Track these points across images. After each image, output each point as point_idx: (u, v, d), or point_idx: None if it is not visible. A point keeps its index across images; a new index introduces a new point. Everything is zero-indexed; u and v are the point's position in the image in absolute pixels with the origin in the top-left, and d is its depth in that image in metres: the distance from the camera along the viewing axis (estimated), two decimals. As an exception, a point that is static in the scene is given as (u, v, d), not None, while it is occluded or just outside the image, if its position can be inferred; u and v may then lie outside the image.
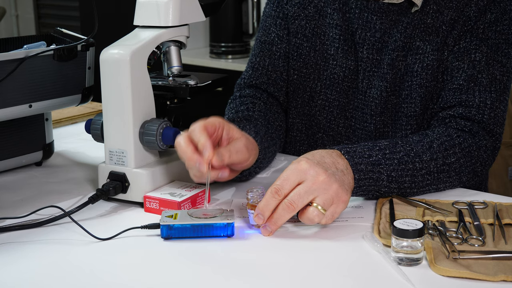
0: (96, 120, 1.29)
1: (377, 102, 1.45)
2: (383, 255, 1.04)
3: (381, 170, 1.22)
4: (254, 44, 1.62)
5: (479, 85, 1.37)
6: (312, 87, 1.53)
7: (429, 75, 1.41)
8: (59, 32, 1.53)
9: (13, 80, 1.30)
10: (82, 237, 1.12)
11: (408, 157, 1.25)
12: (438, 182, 1.28)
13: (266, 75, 1.56)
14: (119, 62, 1.21)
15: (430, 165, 1.26)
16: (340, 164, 1.17)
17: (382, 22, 1.43)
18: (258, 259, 1.05)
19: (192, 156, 1.15)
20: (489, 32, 1.39)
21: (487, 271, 0.97)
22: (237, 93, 1.56)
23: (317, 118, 1.54)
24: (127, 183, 1.25)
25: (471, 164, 1.32)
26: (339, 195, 1.12)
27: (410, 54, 1.42)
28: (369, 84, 1.46)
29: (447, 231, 1.11)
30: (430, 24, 1.41)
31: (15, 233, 1.15)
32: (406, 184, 1.25)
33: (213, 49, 3.40)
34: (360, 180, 1.20)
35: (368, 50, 1.45)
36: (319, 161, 1.14)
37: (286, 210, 1.09)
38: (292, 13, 1.53)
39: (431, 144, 1.28)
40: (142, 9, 1.27)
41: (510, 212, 1.19)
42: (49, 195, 1.32)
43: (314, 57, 1.52)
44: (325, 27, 1.50)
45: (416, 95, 1.42)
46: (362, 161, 1.20)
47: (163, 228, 1.11)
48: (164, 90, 1.30)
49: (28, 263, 1.04)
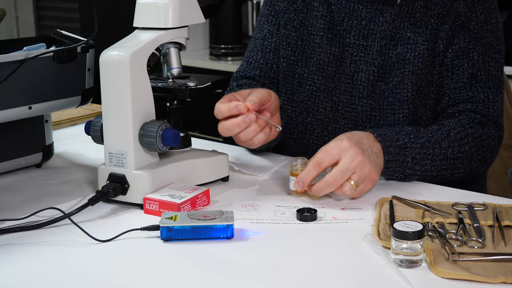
0: (96, 122, 1.29)
1: (365, 85, 1.53)
2: (383, 257, 1.04)
3: (407, 153, 1.34)
4: (250, 42, 1.72)
5: (479, 82, 1.48)
6: (300, 74, 1.60)
7: (421, 63, 1.49)
8: (59, 34, 1.53)
9: (13, 81, 1.30)
10: (82, 239, 1.12)
11: (429, 143, 1.37)
12: (453, 167, 1.40)
13: (258, 68, 1.66)
14: (119, 64, 1.21)
15: (447, 152, 1.39)
16: (375, 147, 1.31)
17: (367, 11, 1.53)
18: (258, 261, 1.05)
19: (231, 104, 1.26)
20: (482, 31, 1.49)
21: (487, 273, 0.97)
22: (234, 83, 1.67)
23: (306, 103, 1.60)
24: (127, 184, 1.25)
25: (481, 152, 1.44)
26: (371, 174, 1.26)
27: (400, 44, 1.50)
28: (356, 68, 1.54)
29: (447, 233, 1.11)
30: (419, 18, 1.50)
31: (14, 235, 1.15)
32: (427, 167, 1.37)
33: (213, 51, 3.41)
34: (389, 161, 1.33)
35: (354, 37, 1.54)
36: (358, 141, 1.27)
37: (329, 185, 1.23)
38: (282, 7, 1.63)
39: (449, 133, 1.40)
40: (142, 10, 1.27)
41: (510, 214, 1.19)
42: (48, 197, 1.32)
43: (301, 46, 1.60)
44: (312, 19, 1.59)
45: (408, 81, 1.50)
46: (391, 144, 1.33)
47: (163, 230, 1.11)
48: (163, 92, 1.30)
49: (27, 265, 1.04)
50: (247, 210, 1.25)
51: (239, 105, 1.25)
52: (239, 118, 1.26)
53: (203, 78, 1.35)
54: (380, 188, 1.34)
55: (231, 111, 1.26)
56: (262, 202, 1.29)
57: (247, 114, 1.25)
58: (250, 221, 1.20)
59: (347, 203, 1.27)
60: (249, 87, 1.61)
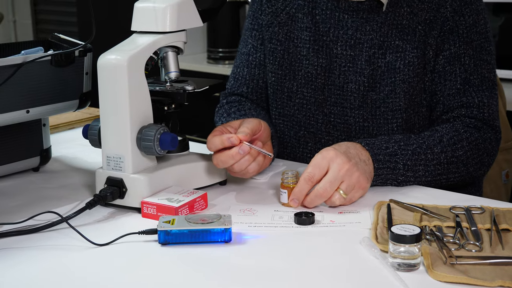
0: (94, 126, 1.29)
1: (355, 96, 1.52)
2: (381, 260, 1.04)
3: (398, 160, 1.34)
4: (236, 56, 1.72)
5: (473, 86, 1.47)
6: (289, 87, 1.60)
7: (411, 71, 1.48)
8: (57, 38, 1.53)
9: (11, 85, 1.30)
10: (80, 243, 1.12)
11: (421, 149, 1.37)
12: (448, 172, 1.40)
13: (245, 85, 1.66)
14: (117, 68, 1.21)
15: (440, 157, 1.38)
16: (363, 155, 1.31)
17: (353, 20, 1.52)
18: (255, 265, 1.05)
19: (223, 136, 1.28)
20: (471, 34, 1.48)
21: (485, 276, 0.97)
22: (223, 101, 1.67)
23: (297, 117, 1.60)
24: (125, 188, 1.25)
25: (478, 156, 1.44)
26: (360, 182, 1.26)
27: (389, 52, 1.49)
28: (346, 79, 1.53)
29: (445, 236, 1.11)
30: (406, 25, 1.49)
31: (12, 239, 1.14)
32: (421, 173, 1.37)
33: (211, 55, 3.41)
34: (379, 169, 1.33)
35: (342, 47, 1.53)
36: (345, 151, 1.28)
37: (319, 197, 1.24)
38: (266, 21, 1.62)
39: (441, 139, 1.40)
40: (140, 14, 1.27)
41: (507, 217, 1.19)
42: (46, 201, 1.32)
43: (288, 59, 1.60)
44: (297, 31, 1.58)
45: (400, 90, 1.49)
46: (380, 152, 1.34)
47: (161, 234, 1.11)
48: (161, 96, 1.30)
49: (25, 269, 1.04)
50: (245, 214, 1.25)
51: (231, 137, 1.26)
52: (233, 150, 1.26)
53: (201, 81, 1.35)
54: (378, 192, 1.35)
55: (223, 144, 1.27)
56: (259, 206, 1.29)
57: (240, 145, 1.26)
58: (248, 225, 1.20)
59: (344, 207, 1.27)
60: (239, 104, 1.62)
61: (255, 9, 1.66)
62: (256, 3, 1.66)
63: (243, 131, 1.28)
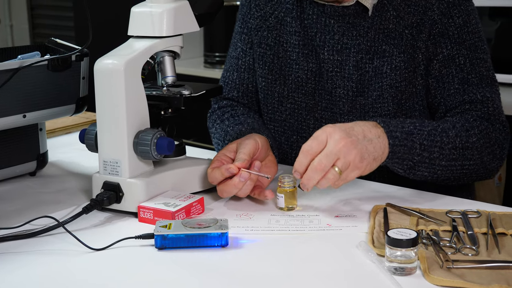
0: (90, 130, 1.29)
1: (344, 101, 1.52)
2: (377, 264, 1.04)
3: (414, 139, 1.31)
4: (226, 59, 1.72)
5: (472, 85, 1.46)
6: (280, 92, 1.59)
7: (398, 76, 1.48)
8: (53, 42, 1.53)
9: (7, 90, 1.30)
10: (76, 247, 1.12)
11: (436, 131, 1.35)
12: (463, 158, 1.37)
13: (235, 89, 1.66)
14: (113, 72, 1.21)
15: (455, 141, 1.36)
16: (372, 132, 1.27)
17: (339, 25, 1.51)
18: (252, 269, 1.05)
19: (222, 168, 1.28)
20: (463, 35, 1.47)
21: (481, 280, 0.97)
22: (215, 105, 1.67)
23: (288, 122, 1.60)
24: (121, 193, 1.25)
25: (490, 145, 1.41)
26: (355, 161, 1.22)
27: (377, 57, 1.49)
28: (334, 84, 1.53)
29: (441, 240, 1.12)
30: (392, 29, 1.48)
31: (8, 243, 1.14)
32: (436, 155, 1.33)
33: (207, 59, 3.41)
34: (395, 146, 1.29)
35: (328, 52, 1.52)
36: (346, 127, 1.24)
37: (315, 171, 1.20)
38: (255, 25, 1.62)
39: (455, 124, 1.38)
40: (136, 19, 1.27)
41: (503, 221, 1.19)
42: (43, 205, 1.32)
43: (278, 64, 1.59)
44: (286, 35, 1.58)
45: (388, 95, 1.49)
46: (397, 129, 1.30)
47: (157, 238, 1.11)
48: (158, 100, 1.30)
49: (22, 274, 1.04)
50: (242, 218, 1.25)
51: (229, 168, 1.27)
52: (234, 180, 1.27)
53: (198, 86, 1.35)
54: (375, 196, 1.35)
55: (224, 175, 1.28)
56: (256, 210, 1.29)
57: (240, 174, 1.27)
58: (245, 229, 1.20)
59: (341, 211, 1.28)
60: (231, 109, 1.62)
61: (244, 12, 1.66)
62: (245, 7, 1.66)
63: (241, 158, 1.29)
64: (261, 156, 1.35)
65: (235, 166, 1.27)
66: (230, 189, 1.28)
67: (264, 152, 1.36)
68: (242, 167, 1.27)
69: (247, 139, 1.35)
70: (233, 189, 1.28)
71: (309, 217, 1.25)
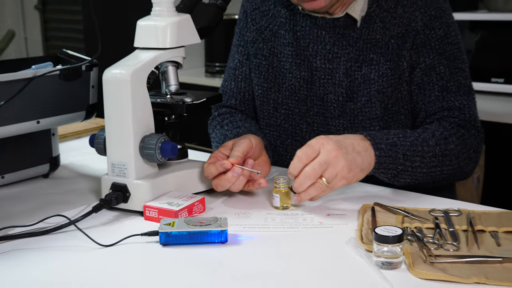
0: (99, 135, 1.29)
1: (335, 106, 1.53)
2: (365, 259, 1.04)
3: (398, 150, 1.32)
4: (225, 70, 1.73)
5: (451, 92, 1.47)
6: (275, 99, 1.60)
7: (385, 82, 1.48)
8: (65, 53, 1.53)
9: (22, 98, 1.30)
10: (87, 244, 1.12)
11: (417, 141, 1.36)
12: (442, 164, 1.38)
13: (233, 97, 1.67)
14: (121, 81, 1.21)
15: (435, 149, 1.37)
16: (360, 145, 1.28)
17: (330, 35, 1.52)
18: (249, 264, 1.05)
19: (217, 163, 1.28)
20: (443, 45, 1.48)
21: (461, 274, 0.98)
22: (215, 113, 1.67)
23: (283, 126, 1.60)
24: (128, 193, 1.25)
25: (466, 150, 1.42)
26: (343, 171, 1.22)
27: (365, 65, 1.49)
28: (325, 90, 1.53)
29: (425, 237, 1.12)
30: (379, 39, 1.49)
31: (24, 240, 1.14)
32: (417, 164, 1.34)
33: (208, 69, 3.41)
34: (381, 157, 1.29)
35: (321, 61, 1.53)
36: (338, 139, 1.25)
37: (307, 177, 1.21)
38: (251, 38, 1.63)
39: (434, 133, 1.39)
40: (142, 32, 1.28)
41: (482, 219, 1.19)
42: (55, 205, 1.32)
43: (273, 73, 1.59)
44: (280, 47, 1.58)
45: (375, 100, 1.49)
46: (382, 142, 1.31)
47: (162, 235, 1.11)
48: (162, 107, 1.30)
49: (35, 268, 1.04)
50: (240, 216, 1.25)
51: (224, 164, 1.27)
52: (229, 175, 1.28)
53: (199, 94, 1.35)
54: (363, 196, 1.35)
55: (218, 170, 1.28)
56: (253, 209, 1.29)
57: (233, 169, 1.27)
58: (243, 227, 1.20)
59: (332, 209, 1.28)
60: (230, 115, 1.63)
61: (241, 26, 1.67)
62: (242, 21, 1.67)
63: (235, 155, 1.29)
64: (255, 155, 1.36)
65: (229, 162, 1.28)
66: (224, 183, 1.29)
67: (257, 151, 1.37)
68: (236, 163, 1.28)
69: (242, 139, 1.36)
70: (226, 183, 1.29)
71: (303, 216, 1.25)
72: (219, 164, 1.28)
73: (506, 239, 1.11)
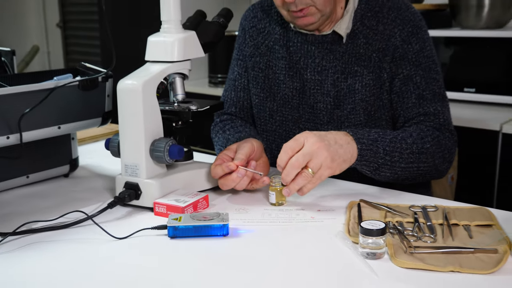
0: (114, 139, 1.29)
1: (324, 113, 1.53)
2: (352, 250, 1.04)
3: (378, 145, 1.31)
4: (226, 81, 1.73)
5: (426, 100, 1.46)
6: (270, 107, 1.60)
7: (368, 91, 1.48)
8: (83, 66, 1.53)
9: (45, 106, 1.30)
10: (102, 237, 1.12)
11: (396, 139, 1.35)
12: (419, 161, 1.37)
13: (233, 105, 1.67)
14: (133, 91, 1.21)
15: (412, 147, 1.36)
16: (342, 139, 1.26)
17: (319, 50, 1.52)
18: (249, 254, 1.05)
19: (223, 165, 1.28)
20: (419, 58, 1.48)
21: (438, 263, 0.98)
22: (217, 119, 1.68)
23: (278, 132, 1.60)
24: (140, 191, 1.24)
25: (440, 150, 1.41)
26: (327, 161, 1.21)
27: (350, 77, 1.49)
28: (315, 99, 1.53)
29: (405, 230, 1.12)
30: (363, 53, 1.49)
31: (46, 233, 1.14)
32: (396, 158, 1.33)
33: (211, 79, 3.41)
34: (363, 150, 1.28)
35: (311, 73, 1.53)
36: (321, 134, 1.24)
37: (293, 167, 1.20)
38: (249, 53, 1.64)
39: (411, 133, 1.39)
40: (152, 47, 1.27)
41: (456, 214, 1.19)
42: (74, 202, 1.32)
43: (268, 84, 1.60)
44: (275, 60, 1.59)
45: (360, 107, 1.49)
46: (364, 137, 1.30)
47: (170, 229, 1.11)
48: (170, 114, 1.30)
49: (57, 258, 1.04)
50: (240, 212, 1.25)
51: (229, 165, 1.27)
52: (233, 175, 1.28)
53: (203, 102, 1.35)
54: (350, 193, 1.35)
55: (224, 171, 1.28)
56: (252, 206, 1.29)
57: (237, 170, 1.28)
58: (242, 221, 1.19)
59: (323, 205, 1.27)
60: (231, 121, 1.63)
61: (240, 42, 1.67)
62: (241, 38, 1.67)
63: (239, 158, 1.29)
64: (256, 156, 1.35)
65: (234, 164, 1.28)
66: (229, 182, 1.29)
67: (258, 153, 1.36)
68: (240, 165, 1.28)
69: (245, 142, 1.35)
70: (231, 183, 1.28)
71: (296, 211, 1.25)
72: (225, 165, 1.28)
73: (477, 231, 1.11)
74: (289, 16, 1.46)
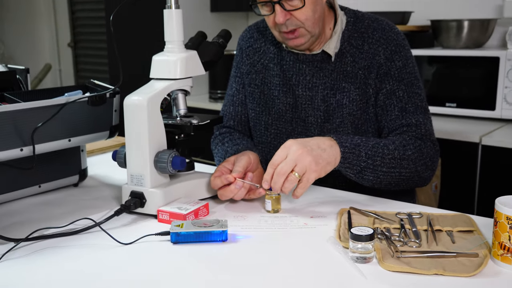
0: (121, 151, 1.28)
1: (315, 127, 1.53)
2: (343, 255, 1.04)
3: (361, 149, 1.30)
4: (225, 97, 1.73)
5: (409, 113, 1.46)
6: (265, 121, 1.60)
7: (355, 106, 1.49)
8: (92, 83, 1.53)
9: (56, 120, 1.30)
10: (109, 242, 1.11)
11: (379, 145, 1.34)
12: (400, 167, 1.36)
13: (232, 119, 1.67)
14: (139, 106, 1.21)
15: (394, 153, 1.35)
16: (325, 143, 1.26)
17: (310, 68, 1.52)
18: (246, 258, 1.05)
19: (222, 177, 1.28)
20: (402, 74, 1.48)
21: (423, 266, 0.97)
22: (216, 132, 1.68)
23: (273, 143, 1.60)
24: (145, 199, 1.24)
25: (422, 158, 1.40)
26: (311, 165, 1.20)
27: (338, 92, 1.50)
28: (306, 114, 1.54)
29: (392, 235, 1.11)
30: (350, 71, 1.49)
31: (57, 239, 1.13)
32: (378, 162, 1.32)
33: (212, 95, 3.41)
34: (345, 153, 1.28)
35: (302, 89, 1.53)
36: (302, 141, 1.24)
37: (279, 175, 1.20)
38: (246, 71, 1.64)
39: (394, 141, 1.38)
40: (156, 65, 1.27)
41: (440, 220, 1.19)
42: (83, 209, 1.31)
43: (264, 99, 1.60)
44: (269, 77, 1.59)
45: (347, 121, 1.50)
46: (347, 141, 1.29)
47: (172, 235, 1.11)
48: (173, 128, 1.30)
49: (67, 263, 1.03)
50: (238, 219, 1.24)
51: (228, 177, 1.28)
52: (232, 187, 1.28)
53: (204, 116, 1.35)
54: (341, 201, 1.35)
55: (223, 182, 1.28)
56: (249, 213, 1.28)
57: (235, 182, 1.28)
58: (240, 227, 1.19)
59: (315, 212, 1.27)
60: (229, 134, 1.63)
61: (238, 61, 1.68)
62: (238, 56, 1.68)
63: (236, 170, 1.29)
64: (253, 168, 1.35)
65: (232, 176, 1.28)
66: (227, 193, 1.29)
67: (255, 165, 1.36)
68: (238, 177, 1.28)
69: (242, 155, 1.35)
70: (230, 193, 1.28)
71: (290, 218, 1.24)
72: (224, 177, 1.28)
73: (460, 237, 1.11)
74: (281, 37, 1.47)
